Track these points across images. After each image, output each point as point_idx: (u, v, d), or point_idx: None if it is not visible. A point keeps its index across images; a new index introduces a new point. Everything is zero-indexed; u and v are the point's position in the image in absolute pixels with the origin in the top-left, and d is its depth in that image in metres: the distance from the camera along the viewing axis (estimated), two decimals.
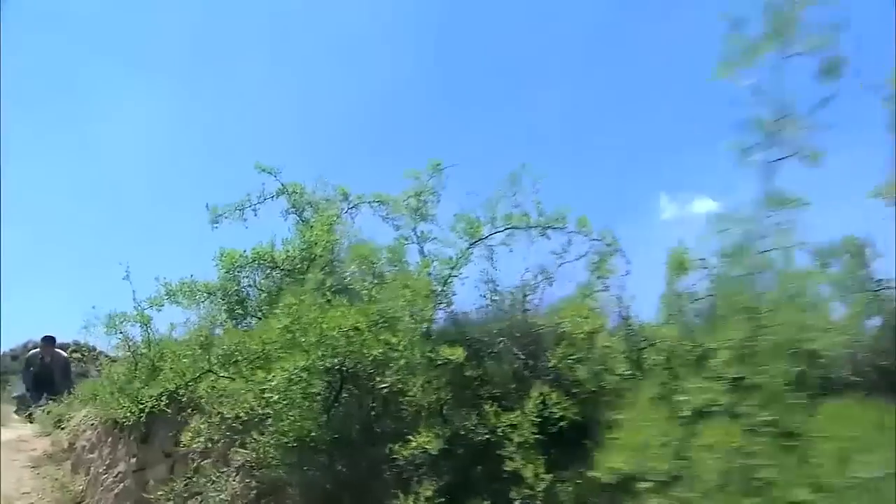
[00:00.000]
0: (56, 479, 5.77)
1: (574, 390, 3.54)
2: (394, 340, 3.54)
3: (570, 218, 3.98)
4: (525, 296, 4.27)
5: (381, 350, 3.51)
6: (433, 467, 3.42)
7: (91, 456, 5.80)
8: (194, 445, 3.92)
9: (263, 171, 5.32)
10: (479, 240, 3.98)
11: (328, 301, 3.89)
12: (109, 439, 5.56)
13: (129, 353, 5.06)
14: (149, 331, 4.95)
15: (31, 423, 7.56)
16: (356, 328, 3.55)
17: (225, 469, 4.13)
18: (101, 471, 5.50)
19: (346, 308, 3.62)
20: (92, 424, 6.00)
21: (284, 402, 3.61)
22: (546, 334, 3.90)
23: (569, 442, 3.50)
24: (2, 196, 6.93)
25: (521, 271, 4.15)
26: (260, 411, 3.58)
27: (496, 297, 4.31)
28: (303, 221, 5.33)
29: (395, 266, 4.12)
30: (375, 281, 4.08)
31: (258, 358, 3.81)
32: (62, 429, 6.66)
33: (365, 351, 3.55)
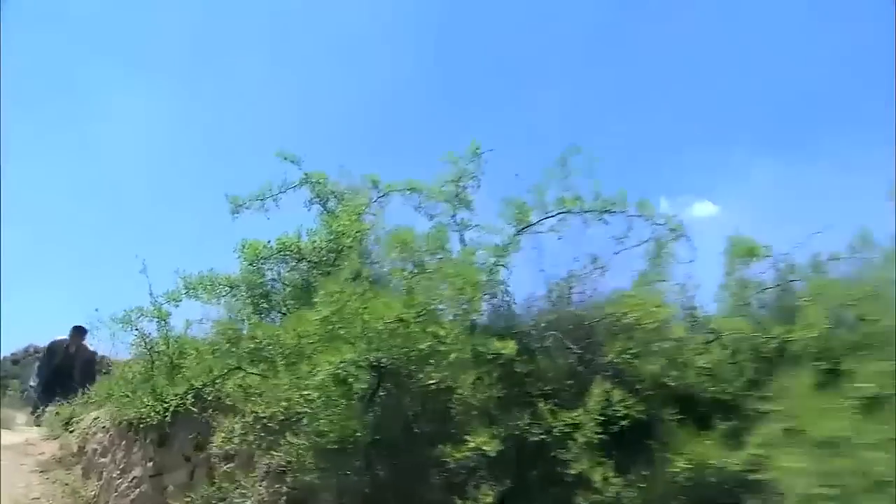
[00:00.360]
0: (66, 484, 5.48)
1: (637, 387, 3.27)
2: (441, 333, 3.27)
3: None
4: (571, 287, 4.01)
5: (428, 343, 3.23)
6: (488, 470, 3.15)
7: (103, 460, 5.49)
8: (228, 447, 3.63)
9: (286, 159, 5.06)
10: (528, 226, 3.71)
11: (364, 292, 3.62)
12: (123, 442, 5.26)
13: (145, 351, 4.80)
14: (166, 327, 4.70)
15: (38, 425, 7.23)
16: (401, 320, 3.27)
17: (253, 474, 3.84)
18: (114, 475, 5.20)
19: (389, 298, 3.34)
20: (103, 427, 5.70)
21: (322, 401, 3.33)
22: (600, 326, 3.63)
23: (630, 442, 3.24)
24: (2, 196, 6.63)
25: (571, 260, 3.87)
26: (298, 410, 3.29)
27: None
28: (327, 212, 5.06)
29: (437, 254, 3.84)
30: (415, 270, 3.79)
31: (292, 353, 3.53)
32: (71, 432, 6.35)
33: (410, 345, 3.27)
